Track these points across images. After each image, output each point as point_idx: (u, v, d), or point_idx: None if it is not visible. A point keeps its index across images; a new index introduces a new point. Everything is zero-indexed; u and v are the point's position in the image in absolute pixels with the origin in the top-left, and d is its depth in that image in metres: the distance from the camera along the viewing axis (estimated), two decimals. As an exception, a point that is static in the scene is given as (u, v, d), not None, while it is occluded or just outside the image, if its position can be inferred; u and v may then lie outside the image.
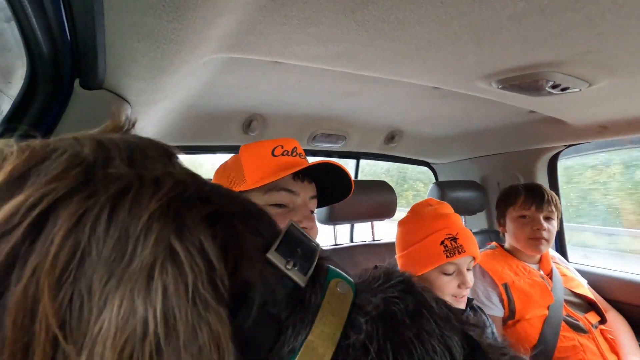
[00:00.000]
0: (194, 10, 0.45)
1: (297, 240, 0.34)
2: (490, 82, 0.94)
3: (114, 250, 0.24)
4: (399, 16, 0.60)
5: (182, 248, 0.25)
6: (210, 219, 0.28)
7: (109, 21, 0.47)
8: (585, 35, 0.65)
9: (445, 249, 1.04)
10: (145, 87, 0.74)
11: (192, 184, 0.29)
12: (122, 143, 0.30)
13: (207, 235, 0.26)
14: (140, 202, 0.25)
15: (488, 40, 0.69)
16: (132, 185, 0.26)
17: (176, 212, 0.26)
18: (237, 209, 0.31)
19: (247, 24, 0.60)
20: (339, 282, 0.33)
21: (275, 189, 0.75)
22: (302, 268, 0.31)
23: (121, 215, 0.25)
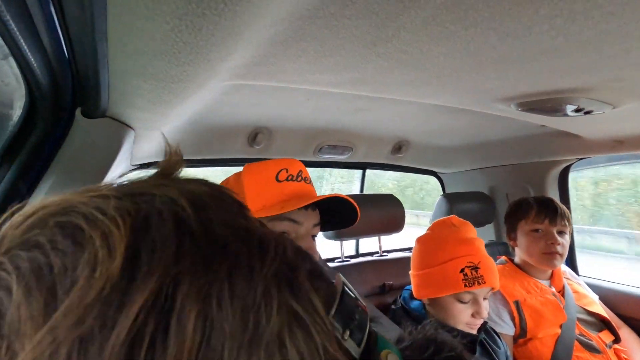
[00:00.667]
0: (207, 54, 0.41)
1: (353, 305, 0.30)
2: (509, 104, 0.90)
3: (240, 324, 0.23)
4: (422, 49, 0.55)
5: (303, 310, 0.24)
6: (310, 275, 0.28)
7: (113, 63, 0.43)
8: (620, 65, 0.61)
9: (465, 277, 1.00)
10: (150, 117, 0.70)
11: (288, 242, 0.29)
12: (209, 199, 0.28)
13: (314, 294, 0.26)
14: (253, 270, 0.25)
15: (514, 70, 0.65)
16: (241, 252, 0.25)
17: (286, 275, 0.26)
18: (314, 268, 0.30)
19: (260, 58, 0.56)
20: (389, 354, 0.31)
21: (278, 218, 0.71)
22: (356, 337, 0.28)
23: (239, 285, 0.24)
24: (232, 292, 0.23)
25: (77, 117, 0.69)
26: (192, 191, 0.27)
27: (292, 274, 0.26)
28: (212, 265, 0.24)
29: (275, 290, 0.24)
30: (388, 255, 1.68)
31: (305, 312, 0.25)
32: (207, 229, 0.25)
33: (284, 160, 0.77)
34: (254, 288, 0.24)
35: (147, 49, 0.38)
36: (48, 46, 0.44)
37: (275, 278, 0.25)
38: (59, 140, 0.73)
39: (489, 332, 1.24)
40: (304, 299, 0.25)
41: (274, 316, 0.23)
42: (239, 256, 0.25)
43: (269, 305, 0.24)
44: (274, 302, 0.24)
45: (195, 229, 0.25)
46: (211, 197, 0.28)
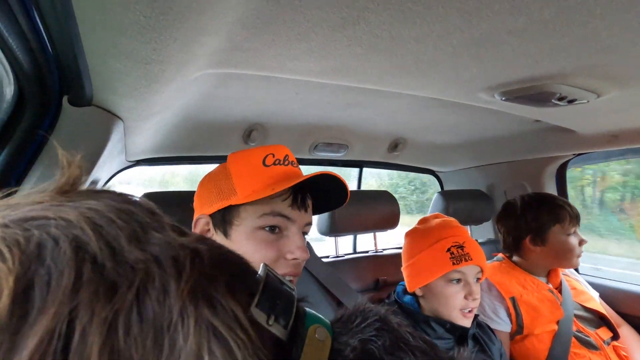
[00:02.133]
0: (170, 32, 0.43)
1: (277, 290, 0.32)
2: (493, 94, 0.91)
3: (153, 348, 0.22)
4: (392, 33, 0.57)
5: (222, 324, 0.24)
6: (231, 281, 0.27)
7: (87, 42, 0.45)
8: (592, 49, 0.62)
9: (452, 255, 1.03)
10: (135, 105, 0.72)
11: (205, 251, 0.27)
12: (114, 215, 0.26)
13: (235, 303, 0.26)
14: (168, 289, 0.23)
15: (488, 55, 0.66)
16: (152, 271, 0.24)
17: (204, 289, 0.25)
18: (236, 271, 0.30)
19: (234, 42, 0.58)
20: (318, 328, 0.32)
21: (271, 214, 0.69)
22: (282, 321, 0.30)
23: (151, 308, 0.23)
24: (141, 317, 0.22)
25: (65, 105, 0.72)
26: (93, 209, 0.26)
27: (211, 286, 0.25)
28: (118, 291, 0.22)
29: (192, 308, 0.23)
30: (383, 251, 1.68)
31: (225, 326, 0.24)
32: (112, 251, 0.24)
33: (270, 146, 0.76)
34: (169, 309, 0.23)
35: (111, 24, 0.40)
36: (26, 30, 0.47)
37: (193, 294, 0.24)
38: (47, 130, 0.76)
39: (483, 328, 1.23)
40: (224, 312, 0.25)
41: (191, 335, 0.23)
42: (149, 277, 0.24)
43: (186, 325, 0.23)
44: (191, 320, 0.23)
45: (97, 253, 0.23)
46: (117, 211, 0.26)
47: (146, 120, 0.89)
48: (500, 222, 1.55)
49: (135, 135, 1.03)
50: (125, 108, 0.74)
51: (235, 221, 0.70)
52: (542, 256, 1.42)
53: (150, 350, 0.22)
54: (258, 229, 0.69)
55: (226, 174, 0.74)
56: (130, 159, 1.36)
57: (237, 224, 0.70)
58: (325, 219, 1.47)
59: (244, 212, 0.70)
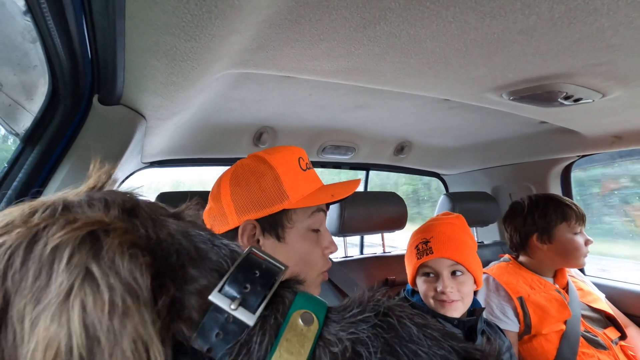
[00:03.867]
0: (211, 29, 0.46)
1: (249, 273, 0.32)
2: (501, 94, 0.94)
3: (35, 279, 0.27)
4: (410, 32, 0.60)
5: (98, 270, 0.27)
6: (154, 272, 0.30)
7: (130, 40, 0.49)
8: (597, 47, 0.65)
9: (418, 251, 1.12)
10: (161, 103, 0.75)
11: (122, 228, 0.31)
12: (50, 203, 0.33)
13: (126, 256, 0.28)
14: (54, 233, 0.28)
15: (499, 54, 0.70)
16: (50, 222, 0.29)
17: (94, 239, 0.28)
18: (167, 263, 0.32)
19: (260, 41, 0.61)
20: (303, 314, 0.31)
21: (317, 210, 0.75)
22: (251, 305, 0.29)
23: (38, 246, 0.28)
24: (28, 250, 0.28)
25: (95, 104, 0.75)
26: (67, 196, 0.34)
27: (106, 239, 0.28)
28: (10, 230, 0.29)
29: (70, 251, 0.27)
30: (390, 252, 1.70)
31: (100, 271, 0.27)
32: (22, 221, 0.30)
33: (294, 148, 0.78)
34: (53, 248, 0.28)
35: (159, 23, 0.43)
36: (72, 28, 0.50)
37: (78, 241, 0.28)
38: (77, 127, 0.79)
39: (492, 327, 1.25)
40: (105, 261, 0.27)
41: (64, 273, 0.27)
42: (46, 224, 0.29)
43: (62, 264, 0.27)
44: (65, 261, 0.27)
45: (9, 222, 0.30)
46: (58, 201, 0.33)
47: (167, 120, 0.92)
48: (507, 221, 1.57)
49: (154, 135, 1.07)
50: (151, 106, 0.77)
51: (288, 224, 0.72)
52: (548, 254, 1.44)
53: (32, 279, 0.27)
54: (309, 231, 0.73)
55: (274, 178, 0.72)
56: (145, 160, 1.39)
57: (290, 226, 0.72)
58: (334, 219, 1.49)
59: (294, 214, 0.73)
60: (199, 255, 0.33)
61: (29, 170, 0.77)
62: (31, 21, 0.48)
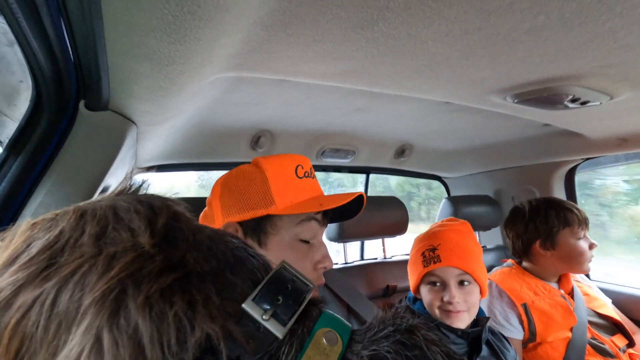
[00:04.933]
0: (196, 32, 0.43)
1: (282, 286, 0.32)
2: (505, 96, 0.91)
3: (55, 337, 0.25)
4: (410, 32, 0.57)
5: (109, 339, 0.25)
6: (175, 285, 0.28)
7: (110, 42, 0.45)
8: (608, 47, 0.62)
9: (424, 259, 1.07)
10: (150, 108, 0.72)
11: (159, 253, 0.29)
12: (101, 211, 0.30)
13: (147, 316, 0.26)
14: (84, 286, 0.26)
15: (504, 55, 0.66)
16: (81, 266, 0.27)
17: (119, 294, 0.26)
18: (210, 267, 0.31)
19: (253, 44, 0.58)
20: (327, 332, 0.31)
21: (306, 219, 0.70)
22: (282, 317, 0.30)
23: (63, 301, 0.26)
24: (54, 304, 0.26)
25: (81, 109, 0.72)
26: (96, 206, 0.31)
27: (133, 293, 0.26)
28: (49, 277, 0.26)
29: (93, 312, 0.25)
30: (392, 257, 1.67)
31: (111, 341, 0.25)
32: (74, 242, 0.28)
33: (295, 155, 0.76)
34: (77, 306, 0.25)
35: (138, 24, 0.40)
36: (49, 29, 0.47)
37: (102, 298, 0.25)
38: (63, 134, 0.76)
39: (497, 336, 1.21)
40: (121, 326, 0.25)
41: (77, 337, 0.25)
42: (77, 269, 0.26)
43: (80, 327, 0.25)
44: (85, 323, 0.25)
45: (64, 242, 0.28)
46: (109, 209, 0.31)
47: (159, 126, 0.89)
48: (508, 227, 1.53)
49: (147, 141, 1.04)
50: (141, 112, 0.74)
51: (271, 230, 0.69)
52: (552, 261, 1.41)
53: (52, 337, 0.25)
54: (297, 241, 0.70)
55: (262, 182, 0.71)
56: (139, 165, 1.36)
57: (273, 232, 0.69)
58: (333, 225, 1.46)
59: (279, 221, 0.70)
60: (236, 262, 0.33)
61: (13, 179, 0.73)
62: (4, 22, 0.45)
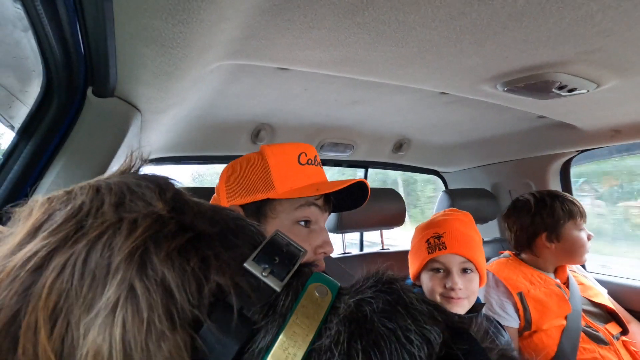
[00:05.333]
0: (199, 13, 0.46)
1: (278, 249, 0.37)
2: (495, 84, 0.94)
3: (89, 289, 0.29)
4: (399, 18, 0.61)
5: (141, 286, 0.29)
6: (186, 246, 0.32)
7: (118, 25, 0.49)
8: (587, 33, 0.65)
9: (429, 245, 1.09)
10: (155, 94, 0.76)
11: (172, 218, 0.33)
12: (115, 186, 0.35)
13: (171, 267, 0.30)
14: (113, 246, 0.30)
15: (490, 41, 0.70)
16: (107, 230, 0.31)
17: (144, 251, 0.30)
18: (216, 230, 0.35)
19: (251, 29, 0.62)
20: (318, 286, 0.35)
21: (306, 203, 0.72)
22: (279, 274, 0.34)
23: (94, 259, 0.29)
24: (85, 262, 0.29)
25: (89, 96, 0.76)
26: (109, 181, 0.35)
27: (155, 250, 0.30)
28: (79, 240, 0.30)
29: (123, 266, 0.29)
30: (389, 248, 1.70)
31: (143, 288, 0.29)
32: (97, 211, 0.32)
33: (300, 144, 0.79)
34: (108, 263, 0.29)
35: (146, 6, 0.44)
36: (62, 13, 0.51)
37: (130, 255, 0.29)
38: (72, 120, 0.80)
39: (491, 322, 1.24)
40: (151, 276, 0.29)
41: (113, 288, 0.28)
42: (103, 233, 0.30)
43: (114, 279, 0.29)
44: (118, 276, 0.29)
45: (86, 210, 0.32)
46: (122, 184, 0.35)
47: (162, 114, 0.93)
48: (511, 220, 1.54)
49: (150, 131, 1.07)
50: (145, 98, 0.78)
51: (271, 214, 0.72)
52: (555, 252, 1.43)
53: (87, 290, 0.29)
54: (295, 224, 0.72)
55: (264, 167, 0.73)
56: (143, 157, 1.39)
57: (273, 217, 0.72)
58: (332, 216, 1.49)
59: (279, 205, 0.72)
60: (237, 227, 0.37)
61: (24, 163, 0.77)
62: (22, 9, 0.49)
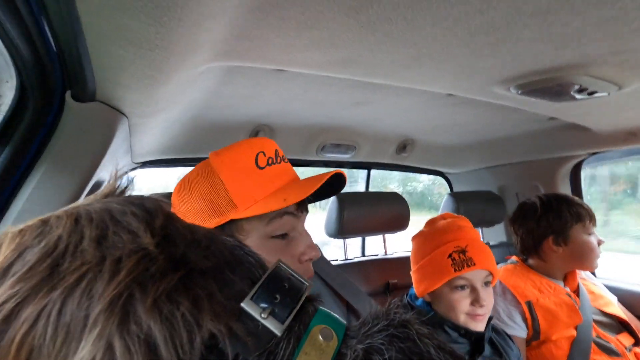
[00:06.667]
0: (175, 11, 0.40)
1: (279, 284, 0.32)
2: (509, 87, 0.87)
3: (62, 346, 0.24)
4: (407, 17, 0.54)
5: (120, 345, 0.25)
6: (177, 286, 0.28)
7: (87, 25, 0.43)
8: (619, 32, 0.59)
9: (453, 262, 0.99)
10: (140, 98, 0.70)
11: (162, 253, 0.29)
12: (97, 215, 0.30)
13: (157, 319, 0.26)
14: (92, 294, 0.25)
15: (507, 41, 0.63)
16: (86, 274, 0.26)
17: (127, 300, 0.26)
18: (210, 264, 0.31)
19: (240, 28, 0.55)
20: (323, 329, 0.31)
21: (277, 215, 0.63)
22: (280, 315, 0.30)
23: (69, 311, 0.25)
24: (60, 313, 0.25)
25: (68, 100, 0.70)
26: (90, 209, 0.30)
27: (140, 297, 0.26)
28: (55, 286, 0.25)
29: (102, 319, 0.25)
30: (392, 254, 1.65)
31: (123, 347, 0.25)
32: (75, 248, 0.27)
33: (255, 140, 0.67)
34: (85, 314, 0.25)
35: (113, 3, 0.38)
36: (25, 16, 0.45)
37: (111, 305, 0.25)
38: (51, 126, 0.74)
39: (500, 334, 1.19)
40: (133, 331, 0.25)
41: (88, 346, 0.24)
42: (82, 277, 0.26)
43: (91, 335, 0.24)
44: (95, 331, 0.24)
45: (62, 249, 0.27)
46: (105, 212, 0.30)
47: (151, 118, 0.87)
48: (517, 224, 1.50)
49: (141, 134, 1.01)
50: (130, 102, 0.71)
51: (240, 235, 0.62)
52: (563, 257, 1.38)
53: (60, 347, 0.24)
54: (269, 238, 0.63)
55: (215, 184, 0.63)
56: (135, 160, 1.34)
57: (243, 237, 0.62)
58: (333, 221, 1.44)
59: (247, 224, 0.62)
60: (234, 260, 0.33)
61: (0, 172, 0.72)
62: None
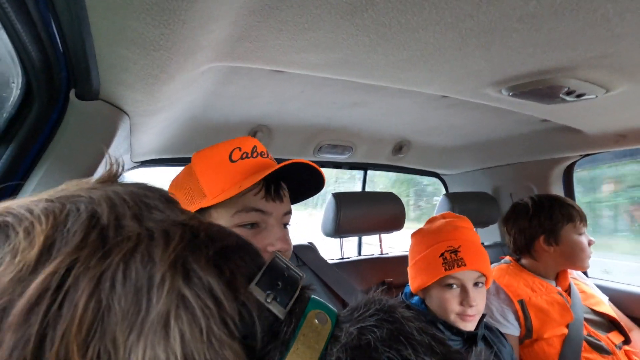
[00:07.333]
0: (179, 14, 0.42)
1: (279, 273, 0.35)
2: (500, 89, 0.90)
3: (132, 304, 0.26)
4: (400, 20, 0.56)
5: (192, 294, 0.27)
6: (216, 256, 0.31)
7: (94, 27, 0.45)
8: (601, 36, 0.61)
9: (445, 261, 1.01)
10: (142, 97, 0.72)
11: (200, 227, 0.32)
12: (128, 197, 0.32)
13: (214, 275, 0.29)
14: (153, 257, 0.28)
15: (497, 44, 0.66)
16: (140, 242, 0.28)
17: (185, 260, 0.28)
18: (232, 242, 0.34)
19: (241, 30, 0.58)
20: (318, 314, 0.34)
21: (244, 209, 0.66)
22: (282, 301, 0.33)
23: (134, 271, 0.27)
24: (125, 277, 0.27)
25: (72, 99, 0.72)
26: (115, 192, 0.32)
27: (194, 258, 0.29)
28: (110, 253, 0.27)
29: (169, 276, 0.27)
30: (388, 253, 1.67)
31: (195, 296, 0.27)
32: (117, 223, 0.29)
33: (236, 139, 0.73)
34: (150, 274, 0.27)
35: (120, 5, 0.40)
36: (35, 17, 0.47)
37: (173, 264, 0.28)
38: (55, 124, 0.76)
39: (493, 332, 1.21)
40: (198, 284, 0.28)
41: (162, 299, 0.26)
42: (138, 246, 0.28)
43: (161, 290, 0.27)
44: (165, 287, 0.27)
45: (105, 224, 0.29)
46: (132, 194, 0.33)
47: (152, 117, 0.89)
48: (510, 224, 1.53)
49: (141, 133, 1.03)
50: (132, 101, 0.73)
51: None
52: (554, 256, 1.41)
53: (130, 305, 0.26)
54: (235, 227, 0.66)
55: (192, 177, 0.70)
56: (135, 159, 1.35)
57: None
58: (330, 220, 1.46)
59: (215, 213, 0.67)
60: (239, 246, 0.35)
61: (3, 169, 0.73)
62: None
